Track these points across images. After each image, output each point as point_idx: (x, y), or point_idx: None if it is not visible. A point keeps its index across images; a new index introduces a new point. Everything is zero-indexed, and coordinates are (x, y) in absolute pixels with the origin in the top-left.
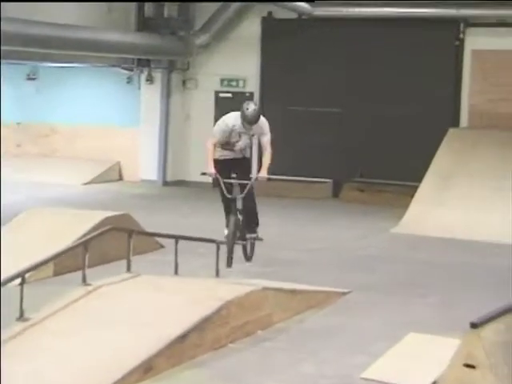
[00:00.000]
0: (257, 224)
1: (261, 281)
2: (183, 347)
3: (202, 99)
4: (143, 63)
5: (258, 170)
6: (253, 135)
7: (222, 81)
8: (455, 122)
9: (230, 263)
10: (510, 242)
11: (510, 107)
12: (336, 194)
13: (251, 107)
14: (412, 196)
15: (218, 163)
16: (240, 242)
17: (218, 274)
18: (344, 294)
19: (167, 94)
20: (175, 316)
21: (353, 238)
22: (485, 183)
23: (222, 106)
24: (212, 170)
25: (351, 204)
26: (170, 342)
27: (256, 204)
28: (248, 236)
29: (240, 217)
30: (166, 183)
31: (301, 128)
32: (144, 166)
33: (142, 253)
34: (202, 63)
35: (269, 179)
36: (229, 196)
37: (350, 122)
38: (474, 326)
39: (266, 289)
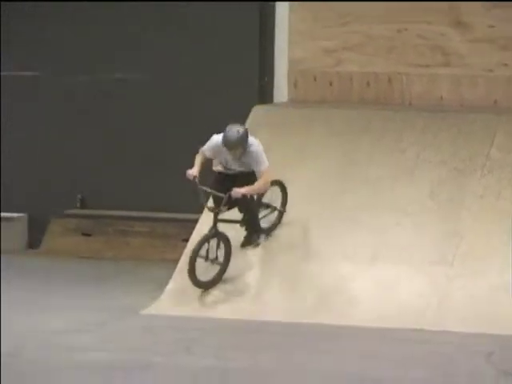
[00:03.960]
0: (256, 229)
1: None
2: None
3: None
4: None
5: None
6: (242, 163)
7: None
8: (265, 95)
9: (194, 282)
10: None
11: (365, 62)
12: (35, 241)
13: (234, 129)
14: (186, 240)
15: (216, 174)
16: (215, 261)
17: None
18: None
19: None
20: None
21: (58, 332)
22: (325, 208)
23: None
24: (194, 171)
25: (64, 260)
26: None
27: (253, 211)
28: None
29: (218, 232)
30: None
31: None
32: None
33: None
34: None
35: (246, 199)
36: (210, 208)
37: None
38: None
39: None
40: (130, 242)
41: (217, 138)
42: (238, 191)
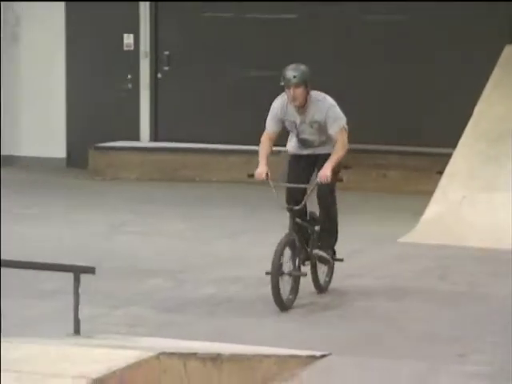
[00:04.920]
0: (332, 242)
1: (157, 340)
2: None
3: None
4: None
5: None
6: (313, 123)
7: None
8: None
9: (279, 303)
10: None
11: None
12: None
13: (292, 65)
14: (440, 173)
15: (289, 159)
16: (295, 272)
17: (77, 328)
18: (316, 358)
19: None
20: None
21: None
22: None
23: None
24: (262, 170)
25: None
26: None
27: (334, 213)
28: (315, 252)
29: (295, 236)
30: None
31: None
32: None
33: None
34: None
35: (339, 180)
36: (287, 206)
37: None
38: None
39: (168, 356)
40: (386, 174)
41: (274, 103)
42: (324, 174)
